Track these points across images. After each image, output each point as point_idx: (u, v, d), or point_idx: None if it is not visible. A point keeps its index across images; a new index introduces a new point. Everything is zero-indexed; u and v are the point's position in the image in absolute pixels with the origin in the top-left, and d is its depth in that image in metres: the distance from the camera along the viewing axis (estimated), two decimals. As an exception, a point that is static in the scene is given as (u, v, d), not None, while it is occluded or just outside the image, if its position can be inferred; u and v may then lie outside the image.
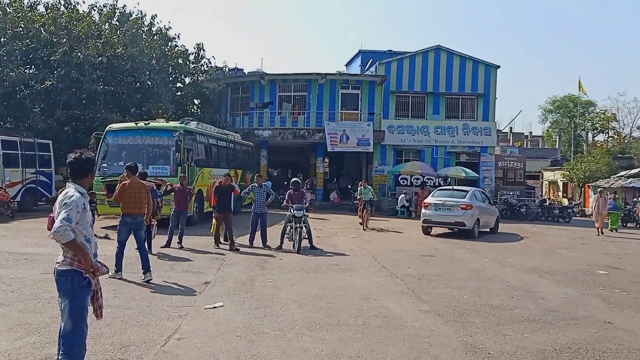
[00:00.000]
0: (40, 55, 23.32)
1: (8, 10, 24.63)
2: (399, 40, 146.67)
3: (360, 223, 18.57)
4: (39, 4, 25.75)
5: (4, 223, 15.52)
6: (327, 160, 30.99)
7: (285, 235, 12.69)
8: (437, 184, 25.58)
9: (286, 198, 13.06)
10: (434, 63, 28.41)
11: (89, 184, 4.25)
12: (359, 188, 19.14)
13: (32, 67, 24.16)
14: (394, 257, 11.92)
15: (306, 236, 12.58)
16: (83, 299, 3.86)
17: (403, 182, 26.98)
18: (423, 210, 17.12)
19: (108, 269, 4.20)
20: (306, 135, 27.04)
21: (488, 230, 18.07)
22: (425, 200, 17.49)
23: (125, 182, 8.97)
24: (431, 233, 17.12)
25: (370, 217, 18.84)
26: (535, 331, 6.34)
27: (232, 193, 12.73)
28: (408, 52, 28.88)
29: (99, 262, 4.02)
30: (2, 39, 23.63)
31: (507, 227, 20.05)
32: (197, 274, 9.13)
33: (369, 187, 18.45)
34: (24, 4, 25.23)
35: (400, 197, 24.47)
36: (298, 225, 12.31)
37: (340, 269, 10.20)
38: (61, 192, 4.16)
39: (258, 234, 12.97)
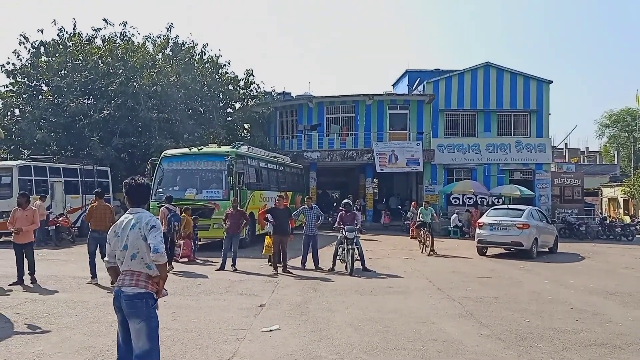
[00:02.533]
0: (98, 86, 24.41)
1: (68, 44, 26.03)
2: (446, 59, 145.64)
3: (422, 244, 17.02)
4: (96, 37, 27.10)
5: (65, 248, 16.12)
6: (375, 180, 30.79)
7: (337, 257, 12.60)
8: (490, 202, 24.89)
9: (337, 219, 13.00)
10: (484, 80, 27.92)
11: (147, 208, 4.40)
12: (412, 208, 18.71)
13: (91, 97, 25.30)
14: (450, 279, 11.60)
15: (358, 258, 12.44)
16: (157, 319, 4.02)
17: (455, 201, 26.40)
18: (477, 230, 16.66)
19: (167, 291, 4.29)
20: (355, 156, 27.02)
21: (547, 250, 17.37)
22: (480, 220, 17.02)
23: (94, 204, 10.78)
24: (487, 253, 16.62)
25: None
26: (604, 356, 5.99)
27: (289, 215, 12.74)
28: (456, 70, 28.52)
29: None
30: (62, 72, 24.92)
31: (566, 247, 19.23)
32: (252, 297, 9.15)
33: (430, 207, 17.45)
34: (82, 37, 26.58)
35: (452, 217, 23.95)
36: (350, 247, 12.20)
37: (394, 292, 10.01)
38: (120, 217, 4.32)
39: (309, 256, 12.93)
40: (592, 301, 9.37)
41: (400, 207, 28.17)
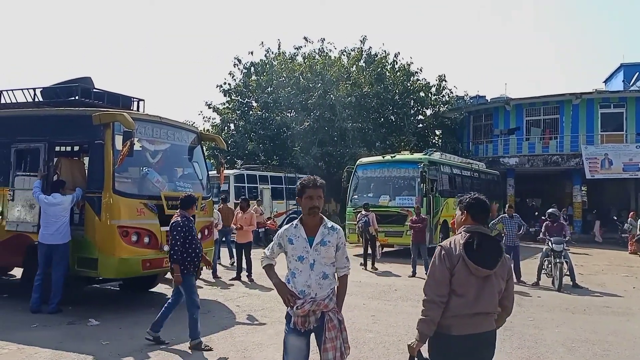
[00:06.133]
0: (299, 100, 26.33)
1: (274, 63, 28.67)
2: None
3: None
4: (297, 55, 29.37)
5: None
6: (584, 188, 27.81)
7: (543, 271, 11.64)
8: None
9: (542, 230, 12.02)
10: None
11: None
12: (631, 219, 16.47)
13: (292, 111, 27.41)
14: (686, 303, 9.88)
15: (567, 272, 11.31)
16: (285, 328, 3.67)
17: (686, 212, 22.53)
18: None
19: (303, 305, 3.51)
20: (559, 162, 24.77)
21: None
22: None
23: None
24: None
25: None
26: None
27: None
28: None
29: (294, 295, 3.57)
30: (269, 89, 27.50)
31: None
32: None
33: None
34: (286, 56, 29.03)
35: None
36: (558, 261, 11.16)
37: (613, 312, 8.86)
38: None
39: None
40: None
41: (615, 218, 24.99)
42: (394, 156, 17.68)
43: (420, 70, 28.76)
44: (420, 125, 29.69)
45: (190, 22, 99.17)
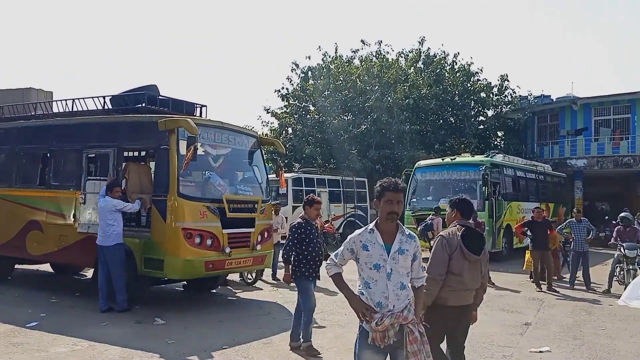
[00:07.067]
0: (356, 103, 26.27)
1: (331, 66, 28.77)
2: None
3: None
4: (354, 58, 29.29)
5: (331, 252, 17.63)
6: (659, 191, 26.22)
7: (614, 278, 11.06)
8: None
9: (614, 235, 11.43)
10: None
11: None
12: None
13: (349, 114, 27.39)
14: None
15: (642, 280, 10.69)
16: (359, 343, 3.44)
17: None
18: None
19: (382, 320, 3.27)
20: (631, 163, 23.48)
21: None
22: None
23: None
24: None
25: None
26: None
27: (549, 227, 11.78)
28: None
29: (370, 309, 3.33)
30: (326, 92, 27.59)
31: None
32: (515, 314, 8.61)
33: None
34: (343, 59, 29.06)
35: None
36: (631, 267, 10.61)
37: (695, 324, 8.29)
38: None
39: (579, 274, 11.61)
40: None
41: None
42: (454, 158, 17.29)
43: (481, 70, 28.10)
44: (482, 126, 28.93)
45: (249, 27, 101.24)
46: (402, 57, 29.08)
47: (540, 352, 6.29)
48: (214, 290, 9.91)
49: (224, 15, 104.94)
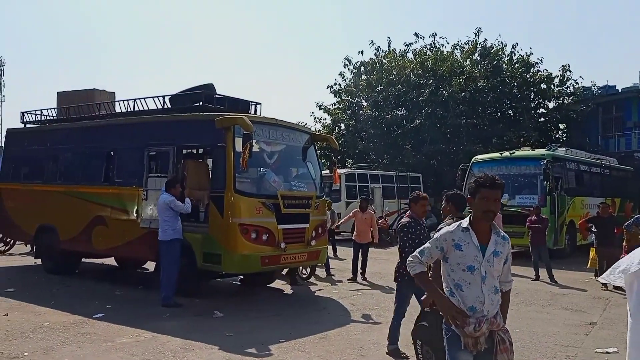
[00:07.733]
0: (410, 97, 25.90)
1: (384, 61, 28.47)
2: None
3: None
4: (408, 52, 28.84)
5: (385, 248, 17.49)
6: None
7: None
8: None
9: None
10: None
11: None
12: None
13: (403, 108, 27.05)
14: None
15: None
16: (449, 348, 3.21)
17: None
18: None
19: (480, 326, 3.05)
20: None
21: None
22: None
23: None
24: None
25: None
26: None
27: (615, 224, 11.24)
28: None
29: (462, 313, 3.08)
30: (379, 87, 27.35)
31: None
32: (579, 313, 8.26)
33: None
34: (396, 53, 28.70)
35: None
36: None
37: None
38: None
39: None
40: None
41: None
42: (514, 152, 16.73)
43: (541, 60, 26.93)
44: (542, 119, 27.92)
45: (303, 23, 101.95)
46: (457, 49, 28.39)
47: (607, 352, 6.00)
48: (270, 285, 10.04)
49: (279, 13, 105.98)
